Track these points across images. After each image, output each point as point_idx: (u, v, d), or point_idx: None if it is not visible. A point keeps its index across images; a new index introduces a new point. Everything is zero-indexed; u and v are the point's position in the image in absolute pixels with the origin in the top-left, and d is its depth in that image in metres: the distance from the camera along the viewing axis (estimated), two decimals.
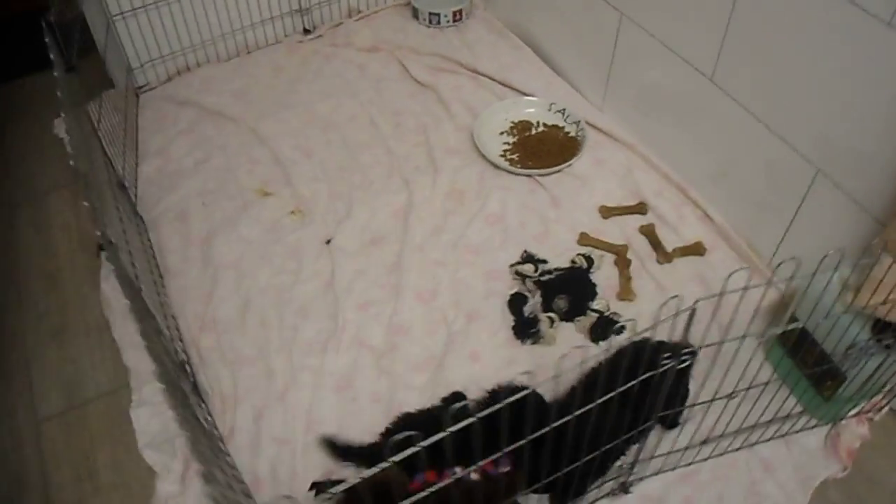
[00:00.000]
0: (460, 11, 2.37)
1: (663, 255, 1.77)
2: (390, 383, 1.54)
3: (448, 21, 2.37)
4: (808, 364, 1.49)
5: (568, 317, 1.65)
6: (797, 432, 1.51)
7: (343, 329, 1.63)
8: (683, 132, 1.86)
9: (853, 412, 1.52)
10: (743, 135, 1.68)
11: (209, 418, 1.48)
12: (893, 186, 1.39)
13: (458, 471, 1.15)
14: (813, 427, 1.51)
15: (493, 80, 2.19)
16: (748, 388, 1.30)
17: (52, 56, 1.48)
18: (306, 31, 2.36)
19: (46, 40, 1.50)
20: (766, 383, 1.32)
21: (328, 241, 1.79)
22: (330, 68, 2.26)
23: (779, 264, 1.69)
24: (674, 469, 1.42)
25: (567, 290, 1.67)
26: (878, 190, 1.43)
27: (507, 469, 1.25)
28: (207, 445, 1.19)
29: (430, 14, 2.36)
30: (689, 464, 1.43)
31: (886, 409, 1.55)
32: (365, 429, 1.45)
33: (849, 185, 1.48)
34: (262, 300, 1.68)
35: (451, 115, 2.09)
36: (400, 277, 1.72)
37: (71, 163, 1.23)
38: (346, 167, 1.96)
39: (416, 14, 2.41)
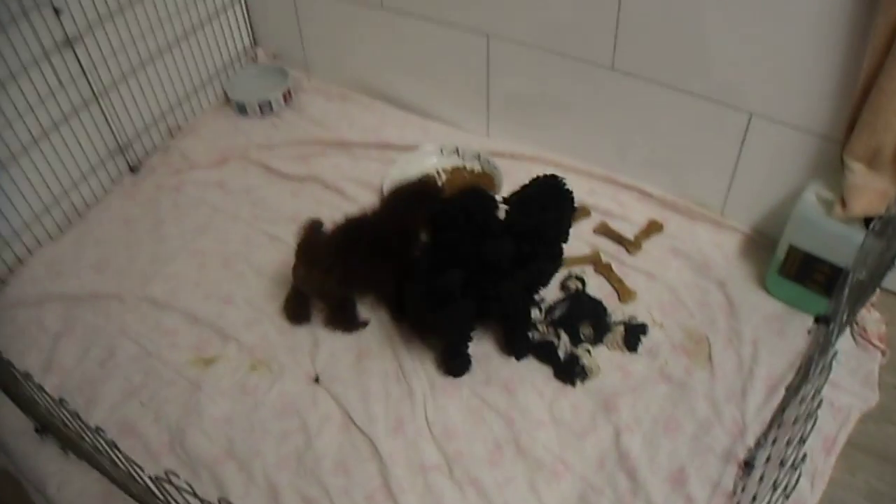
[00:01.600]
0: (289, 91, 2.18)
1: (631, 246, 1.77)
2: (478, 492, 1.38)
3: (281, 105, 2.18)
4: (821, 282, 1.56)
5: (597, 340, 1.59)
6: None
7: (393, 461, 1.42)
8: (589, 125, 1.87)
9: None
10: (658, 107, 1.72)
11: None
12: (835, 102, 1.49)
13: None
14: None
15: (368, 145, 2.04)
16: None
17: None
18: (133, 170, 2.03)
19: None
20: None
21: (317, 380, 1.55)
22: (186, 198, 1.96)
23: None
24: None
25: (582, 315, 1.61)
26: (818, 110, 1.53)
27: None
28: None
29: (260, 104, 2.15)
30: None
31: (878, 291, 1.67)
32: None
33: (787, 116, 1.57)
34: (288, 476, 1.41)
35: (349, 198, 1.92)
36: (412, 378, 1.54)
37: None
38: (277, 295, 1.71)
39: (242, 109, 2.18)
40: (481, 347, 1.60)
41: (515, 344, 1.57)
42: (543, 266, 1.53)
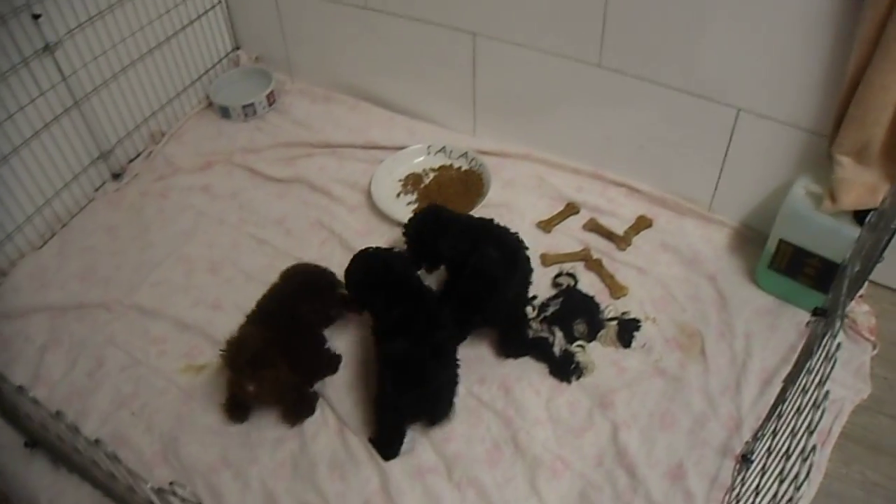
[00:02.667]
0: (272, 93, 2.16)
1: (621, 241, 1.77)
2: (478, 493, 1.36)
3: (265, 108, 2.16)
4: (811, 275, 1.57)
5: (591, 336, 1.59)
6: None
7: (390, 464, 1.40)
8: (577, 123, 1.87)
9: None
10: (645, 104, 1.72)
11: None
12: (822, 97, 1.49)
13: None
14: None
15: (354, 146, 2.02)
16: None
17: None
18: (116, 177, 2.00)
19: None
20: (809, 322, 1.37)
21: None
22: (171, 204, 1.93)
23: None
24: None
25: (576, 312, 1.61)
26: (806, 106, 1.53)
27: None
28: None
29: (244, 107, 2.13)
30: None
31: (866, 284, 1.68)
32: None
33: (774, 111, 1.58)
34: (284, 482, 1.39)
35: (336, 199, 1.90)
36: None
37: None
38: None
39: (226, 113, 2.16)
40: (475, 349, 1.59)
41: (511, 347, 1.57)
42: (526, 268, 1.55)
